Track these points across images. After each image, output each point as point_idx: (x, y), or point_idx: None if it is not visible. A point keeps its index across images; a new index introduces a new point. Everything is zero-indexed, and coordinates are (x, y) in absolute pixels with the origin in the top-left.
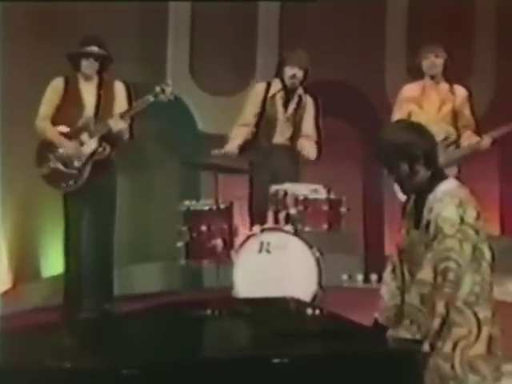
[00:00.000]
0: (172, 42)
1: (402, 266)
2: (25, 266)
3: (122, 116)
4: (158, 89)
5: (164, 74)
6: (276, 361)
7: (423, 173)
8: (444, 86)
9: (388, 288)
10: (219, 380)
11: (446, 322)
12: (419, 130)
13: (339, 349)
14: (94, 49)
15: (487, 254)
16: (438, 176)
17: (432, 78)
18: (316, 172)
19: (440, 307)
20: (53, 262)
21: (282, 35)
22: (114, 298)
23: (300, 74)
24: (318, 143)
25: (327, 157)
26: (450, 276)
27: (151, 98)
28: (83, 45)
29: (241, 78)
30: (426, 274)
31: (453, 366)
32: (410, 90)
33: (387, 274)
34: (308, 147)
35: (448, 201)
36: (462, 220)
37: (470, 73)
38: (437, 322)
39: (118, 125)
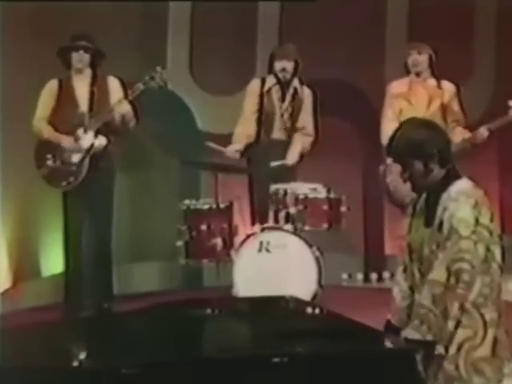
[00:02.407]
0: (172, 41)
1: (412, 265)
2: (25, 264)
3: (125, 98)
4: (147, 77)
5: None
6: (276, 360)
7: (437, 171)
8: (431, 82)
9: (400, 288)
10: (219, 379)
11: (460, 324)
12: (433, 127)
13: (339, 348)
14: (83, 43)
15: (498, 256)
16: (451, 175)
17: (417, 75)
18: (316, 171)
19: (454, 309)
20: (53, 261)
21: (282, 35)
22: (114, 297)
23: (289, 66)
24: (315, 136)
25: (327, 156)
26: (465, 277)
27: (141, 86)
28: (72, 40)
29: (241, 77)
30: (438, 274)
31: (457, 368)
32: (398, 86)
33: (399, 275)
34: (291, 151)
35: (463, 201)
36: (477, 221)
37: (470, 73)
38: (451, 325)
39: (124, 107)
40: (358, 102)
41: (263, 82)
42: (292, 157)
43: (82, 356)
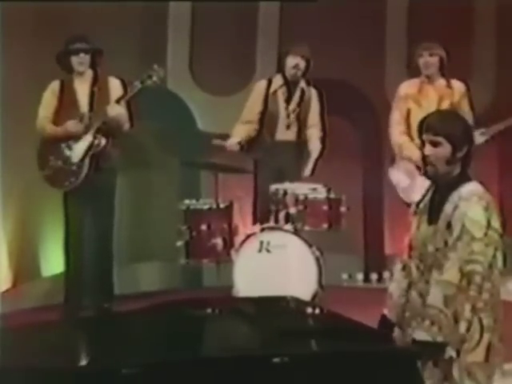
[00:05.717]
0: (172, 41)
1: (410, 262)
2: (25, 264)
3: (117, 101)
4: (144, 75)
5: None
6: (276, 360)
7: (457, 166)
8: (441, 82)
9: (398, 285)
10: (219, 379)
11: (471, 326)
12: (472, 130)
13: (339, 348)
14: (81, 45)
15: (500, 262)
16: (463, 176)
17: (428, 76)
18: (316, 171)
19: (466, 311)
20: (53, 261)
21: (282, 35)
22: (114, 296)
23: (302, 63)
24: (323, 136)
25: (327, 156)
26: (477, 279)
27: (139, 85)
28: (69, 44)
29: (241, 77)
30: (451, 275)
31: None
32: (408, 87)
33: (397, 272)
34: (313, 143)
35: (476, 201)
36: (489, 223)
37: (470, 73)
38: (463, 327)
39: (114, 110)
40: (358, 102)
41: (269, 82)
42: (316, 146)
43: (82, 356)
